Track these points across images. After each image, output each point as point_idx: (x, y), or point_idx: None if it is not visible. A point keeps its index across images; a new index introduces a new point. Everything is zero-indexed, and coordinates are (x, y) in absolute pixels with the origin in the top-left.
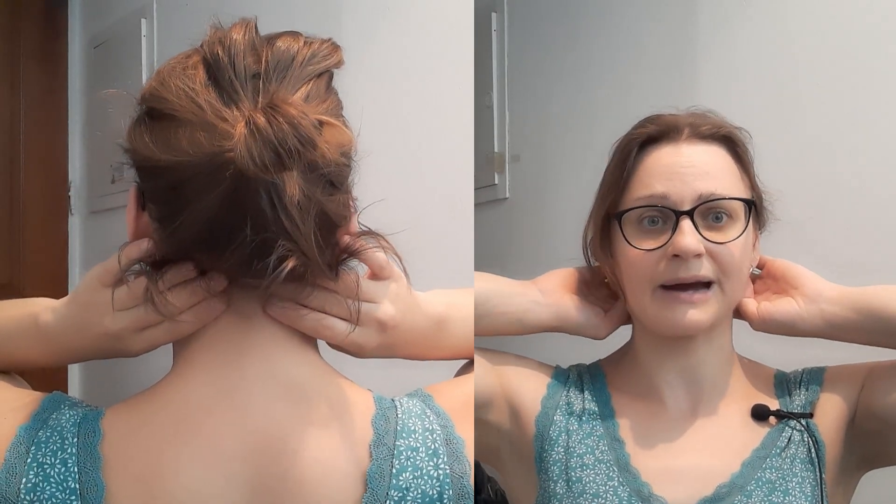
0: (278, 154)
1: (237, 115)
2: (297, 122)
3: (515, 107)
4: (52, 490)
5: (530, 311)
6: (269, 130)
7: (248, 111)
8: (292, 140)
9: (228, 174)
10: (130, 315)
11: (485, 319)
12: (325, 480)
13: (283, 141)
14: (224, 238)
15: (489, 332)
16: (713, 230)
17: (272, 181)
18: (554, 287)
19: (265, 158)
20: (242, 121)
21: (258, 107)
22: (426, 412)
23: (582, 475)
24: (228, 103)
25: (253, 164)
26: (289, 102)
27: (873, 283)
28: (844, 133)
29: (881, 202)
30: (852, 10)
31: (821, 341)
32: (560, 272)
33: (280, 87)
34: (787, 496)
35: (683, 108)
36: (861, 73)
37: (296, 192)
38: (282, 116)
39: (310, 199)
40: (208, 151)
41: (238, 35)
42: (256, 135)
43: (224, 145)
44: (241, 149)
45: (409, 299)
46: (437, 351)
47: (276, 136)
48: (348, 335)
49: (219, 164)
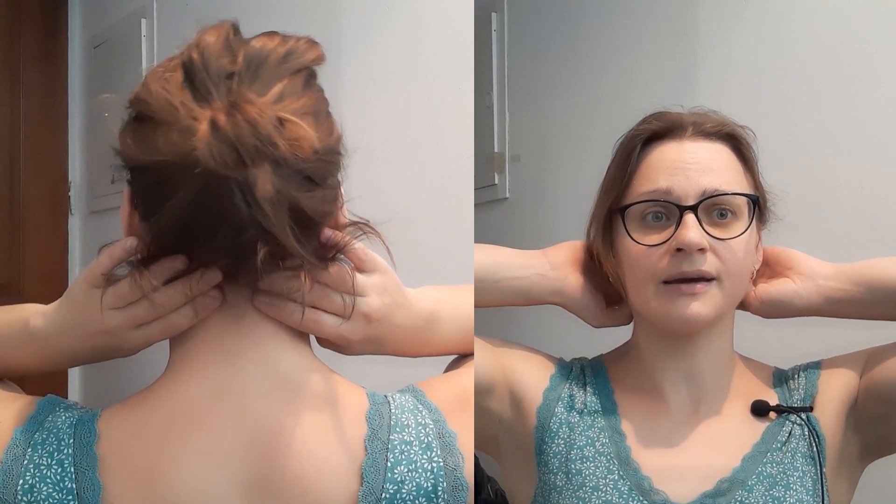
0: (238, 152)
1: (207, 114)
2: (255, 120)
3: (515, 107)
4: (48, 491)
5: (536, 285)
6: (227, 128)
7: (214, 111)
8: (250, 138)
9: (198, 172)
10: (124, 313)
11: (491, 291)
12: (321, 475)
13: (241, 139)
14: (205, 233)
15: (494, 303)
16: (717, 227)
17: (243, 178)
18: (563, 262)
19: (225, 156)
20: (206, 120)
21: (223, 106)
22: (418, 407)
23: (582, 468)
24: (201, 103)
25: (214, 161)
26: (250, 101)
27: None
28: (844, 132)
29: (881, 202)
30: (852, 8)
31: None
32: (570, 246)
33: (251, 87)
34: (788, 490)
35: (687, 107)
36: (861, 72)
37: (268, 188)
38: (241, 115)
39: (282, 193)
40: (180, 150)
41: (212, 37)
42: (216, 133)
43: (191, 143)
44: (203, 147)
45: (396, 294)
46: (427, 347)
47: (234, 135)
48: (336, 328)
49: (189, 163)
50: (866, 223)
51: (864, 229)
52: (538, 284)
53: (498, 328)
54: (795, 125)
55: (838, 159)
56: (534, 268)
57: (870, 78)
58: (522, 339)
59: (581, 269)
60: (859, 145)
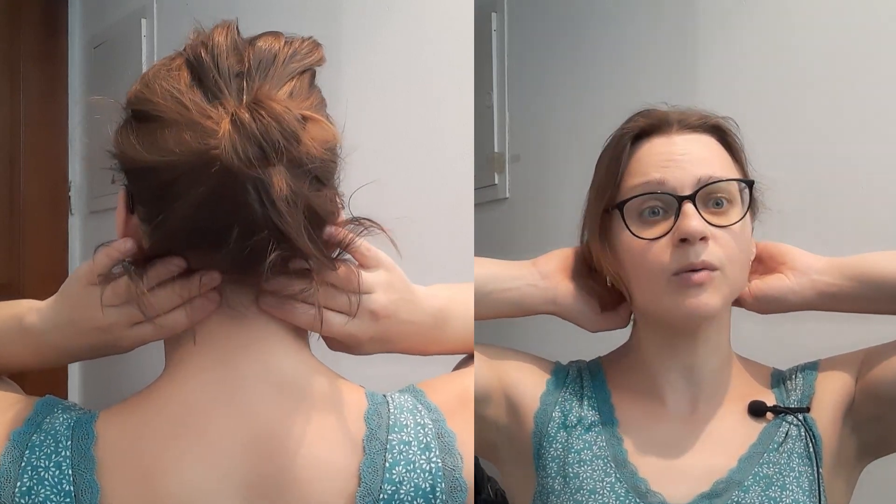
0: (262, 149)
1: (222, 113)
2: (280, 117)
3: (515, 107)
4: (46, 493)
5: (528, 296)
6: (252, 126)
7: (233, 108)
8: (276, 135)
9: (214, 171)
10: (120, 311)
11: (483, 303)
12: (320, 475)
13: (266, 136)
14: (214, 234)
15: (488, 315)
16: (715, 215)
17: (259, 177)
18: (553, 270)
19: (249, 153)
20: (227, 117)
21: (243, 104)
22: (417, 407)
23: (579, 471)
24: (213, 102)
25: (237, 159)
26: (273, 98)
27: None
28: (845, 129)
29: (882, 197)
30: (852, 5)
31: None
32: (560, 253)
33: (263, 85)
34: (783, 491)
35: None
36: (861, 70)
37: (283, 187)
38: (266, 112)
39: (297, 193)
40: (194, 149)
41: (220, 37)
42: (241, 130)
43: (209, 142)
44: (226, 144)
45: (404, 291)
46: (436, 345)
47: (259, 131)
48: (343, 326)
49: (205, 162)
50: (864, 218)
51: (861, 224)
52: (530, 295)
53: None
54: (793, 120)
55: (837, 155)
56: (524, 279)
57: (870, 74)
58: (523, 344)
59: (572, 276)
60: (858, 142)
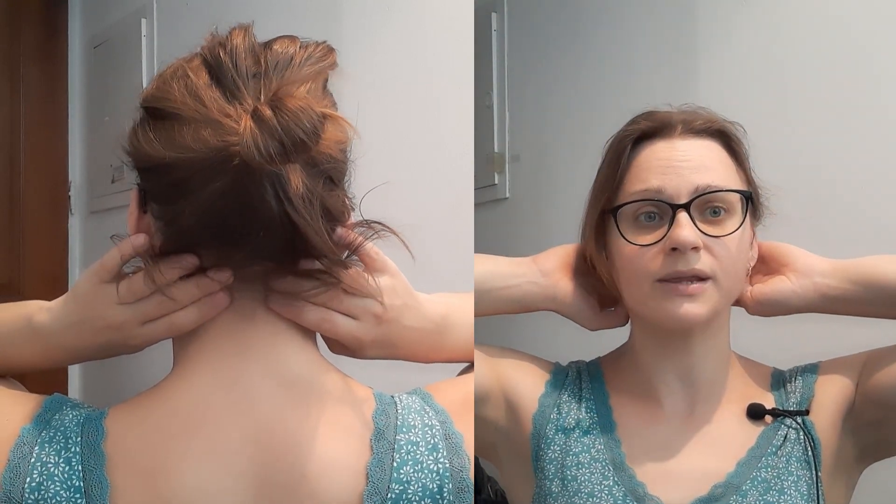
0: (283, 144)
1: (240, 112)
2: (303, 113)
3: (515, 107)
4: (56, 489)
5: (528, 293)
6: (274, 121)
7: (254, 105)
8: (297, 131)
9: (231, 166)
10: (133, 308)
11: (484, 300)
12: (328, 474)
13: (288, 131)
14: (228, 231)
15: (488, 312)
16: (711, 224)
17: (277, 173)
18: (553, 268)
19: (271, 149)
20: (248, 114)
21: (262, 101)
22: (425, 408)
23: (577, 474)
24: (232, 100)
25: (258, 154)
26: (293, 95)
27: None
28: (844, 129)
29: (881, 198)
30: (851, 5)
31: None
32: (561, 250)
33: (282, 84)
34: (782, 495)
35: (676, 106)
36: (861, 70)
37: (300, 184)
38: (287, 108)
39: (312, 192)
40: (213, 146)
41: (238, 39)
42: (262, 126)
43: (229, 139)
44: (248, 139)
45: (406, 296)
46: (437, 353)
47: (282, 126)
48: (348, 328)
49: (223, 158)
50: (865, 220)
51: (863, 226)
52: (530, 292)
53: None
54: (795, 123)
55: (838, 157)
56: (524, 276)
57: (870, 74)
58: (525, 342)
59: (573, 274)
60: (859, 143)
